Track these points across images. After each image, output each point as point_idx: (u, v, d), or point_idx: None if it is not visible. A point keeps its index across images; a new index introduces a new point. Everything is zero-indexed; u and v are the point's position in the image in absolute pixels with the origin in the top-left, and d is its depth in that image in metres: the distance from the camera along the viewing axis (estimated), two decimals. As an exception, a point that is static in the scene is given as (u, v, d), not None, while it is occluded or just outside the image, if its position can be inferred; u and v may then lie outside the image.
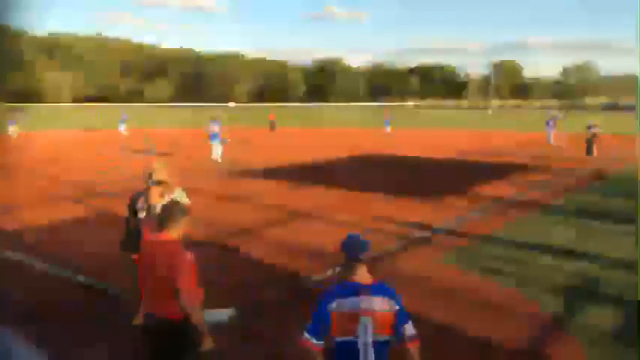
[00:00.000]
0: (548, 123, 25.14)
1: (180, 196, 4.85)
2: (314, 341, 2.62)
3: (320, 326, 2.65)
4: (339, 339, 2.65)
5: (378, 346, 2.63)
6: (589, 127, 20.07)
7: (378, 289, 2.70)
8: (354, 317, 2.61)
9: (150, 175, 4.84)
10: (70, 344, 4.71)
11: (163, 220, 3.36)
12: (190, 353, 3.31)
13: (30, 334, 4.58)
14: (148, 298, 3.37)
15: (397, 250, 7.51)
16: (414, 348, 2.75)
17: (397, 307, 2.69)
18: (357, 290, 2.66)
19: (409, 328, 2.75)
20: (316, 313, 2.67)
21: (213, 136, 17.11)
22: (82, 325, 5.11)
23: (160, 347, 3.34)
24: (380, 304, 2.65)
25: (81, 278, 6.36)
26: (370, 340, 2.62)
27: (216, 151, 16.98)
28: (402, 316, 2.73)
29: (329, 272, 6.46)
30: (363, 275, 2.72)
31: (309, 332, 2.64)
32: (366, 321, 2.61)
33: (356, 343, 2.61)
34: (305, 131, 36.36)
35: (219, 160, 16.72)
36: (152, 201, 4.59)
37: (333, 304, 2.63)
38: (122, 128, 31.36)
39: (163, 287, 3.21)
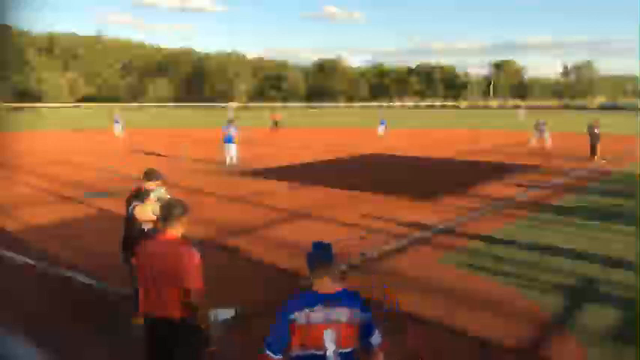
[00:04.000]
0: (538, 127, 23.58)
1: (161, 193, 4.90)
2: (272, 355, 2.48)
3: (279, 339, 2.50)
4: (299, 352, 2.49)
5: (343, 358, 2.48)
6: (591, 127, 18.57)
7: (342, 298, 2.53)
8: (316, 329, 2.46)
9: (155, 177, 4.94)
10: (70, 344, 4.71)
11: (165, 218, 3.34)
12: (191, 353, 3.30)
13: (30, 334, 4.58)
14: (149, 298, 3.34)
15: (397, 250, 7.52)
16: (379, 353, 2.65)
17: (363, 317, 2.54)
18: (319, 300, 2.50)
19: (376, 338, 2.61)
20: (275, 326, 2.53)
21: (227, 139, 17.13)
22: (82, 325, 5.11)
23: (161, 347, 3.33)
24: (344, 315, 2.49)
25: (81, 278, 6.36)
26: (333, 353, 2.46)
27: (230, 153, 17.01)
28: (368, 327, 2.57)
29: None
30: (326, 284, 2.57)
31: (268, 346, 2.50)
32: (330, 333, 2.46)
33: (317, 356, 2.46)
34: (305, 131, 36.36)
35: (235, 162, 16.74)
36: None
37: (294, 316, 2.48)
38: (117, 130, 30.89)
39: (168, 287, 3.19)
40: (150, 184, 4.95)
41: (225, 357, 4.13)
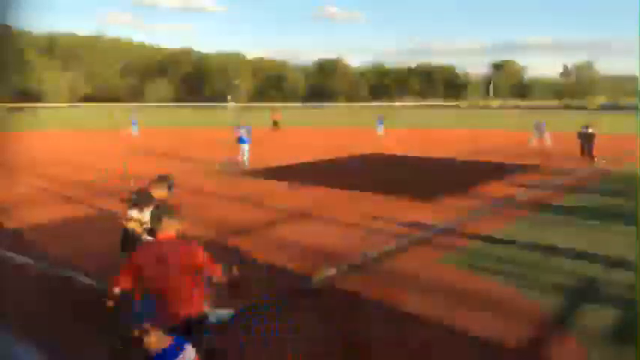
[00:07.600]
0: (538, 127, 23.37)
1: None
2: None
3: None
4: None
5: None
6: (584, 127, 18.48)
7: (171, 355, 2.21)
8: None
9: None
10: (70, 344, 4.71)
11: (154, 225, 3.43)
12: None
13: (30, 334, 4.58)
14: (164, 301, 3.33)
15: (397, 250, 7.51)
16: None
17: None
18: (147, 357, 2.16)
19: None
20: None
21: (241, 141, 17.21)
22: (82, 325, 5.11)
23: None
24: None
25: (81, 278, 6.36)
26: None
27: (242, 154, 17.06)
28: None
29: (329, 272, 6.47)
30: (158, 339, 2.26)
31: None
32: None
33: None
34: (305, 131, 36.35)
35: (246, 164, 16.72)
36: None
37: None
38: (134, 130, 31.72)
39: (183, 286, 3.23)
40: (157, 192, 4.95)
41: (225, 357, 4.13)
